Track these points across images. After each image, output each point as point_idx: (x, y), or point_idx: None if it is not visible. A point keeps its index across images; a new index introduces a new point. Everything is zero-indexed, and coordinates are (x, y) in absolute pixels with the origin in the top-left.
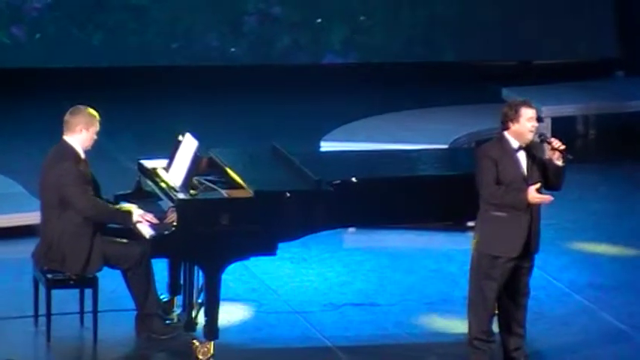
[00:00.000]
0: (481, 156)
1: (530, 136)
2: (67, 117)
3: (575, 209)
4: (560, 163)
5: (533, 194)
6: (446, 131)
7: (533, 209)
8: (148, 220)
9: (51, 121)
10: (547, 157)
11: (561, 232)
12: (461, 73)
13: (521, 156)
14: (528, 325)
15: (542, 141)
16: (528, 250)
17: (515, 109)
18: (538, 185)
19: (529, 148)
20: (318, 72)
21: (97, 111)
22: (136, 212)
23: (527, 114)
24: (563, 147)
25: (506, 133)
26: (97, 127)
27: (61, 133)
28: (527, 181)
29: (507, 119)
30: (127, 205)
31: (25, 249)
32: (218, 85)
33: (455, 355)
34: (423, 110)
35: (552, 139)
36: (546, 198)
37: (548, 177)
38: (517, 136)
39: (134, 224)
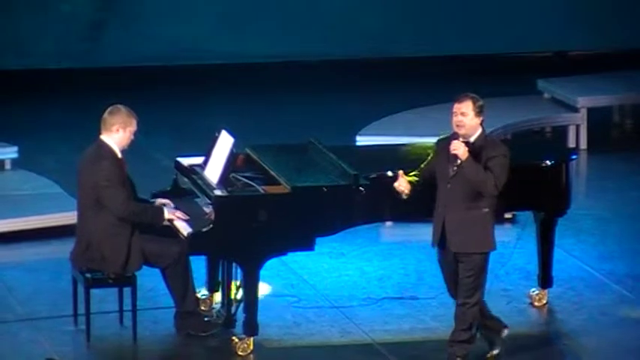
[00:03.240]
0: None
1: (455, 130)
2: (105, 116)
3: (614, 199)
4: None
5: (399, 179)
6: None
7: (449, 206)
8: (178, 217)
9: (88, 121)
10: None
11: (599, 221)
12: (496, 65)
13: None
14: (567, 315)
15: (482, 144)
16: (447, 244)
17: None
18: (400, 171)
19: (470, 144)
20: (352, 66)
21: (134, 110)
22: (167, 209)
23: (453, 107)
24: (453, 152)
25: None
26: (134, 127)
27: (98, 132)
28: (453, 176)
29: None
30: (159, 200)
31: (64, 249)
32: (253, 81)
33: None
34: None
35: (452, 142)
36: (402, 188)
37: None
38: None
39: (166, 221)
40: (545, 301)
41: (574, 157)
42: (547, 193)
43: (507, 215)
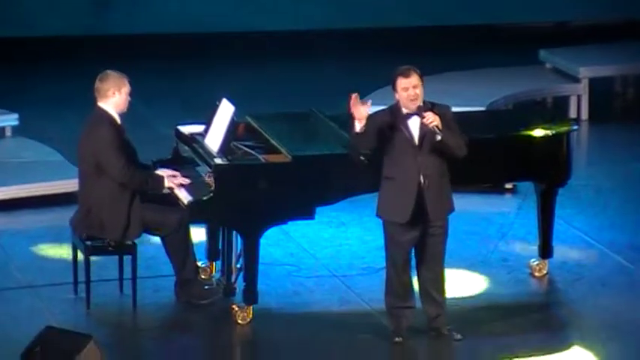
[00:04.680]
0: (369, 120)
1: (410, 105)
2: (97, 84)
3: (615, 170)
4: (437, 137)
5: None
6: (483, 94)
7: (424, 177)
8: (179, 184)
9: (90, 89)
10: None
11: (600, 192)
12: (498, 35)
13: (413, 123)
14: (566, 285)
15: (417, 114)
16: (425, 217)
17: (394, 77)
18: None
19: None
20: (354, 36)
21: (139, 78)
22: (168, 178)
23: (402, 84)
24: (433, 123)
25: (399, 103)
26: (128, 87)
27: (94, 102)
28: (419, 148)
29: (392, 87)
30: (160, 172)
31: (64, 216)
32: (255, 50)
33: (497, 317)
34: (459, 73)
35: (425, 114)
36: (361, 114)
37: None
38: (402, 104)
39: (167, 189)
40: (545, 272)
41: (575, 127)
42: (548, 163)
43: (508, 186)
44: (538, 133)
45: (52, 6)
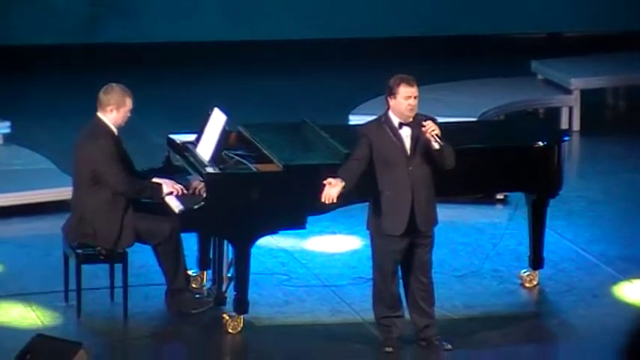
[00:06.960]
0: (359, 133)
1: (408, 114)
2: (100, 95)
3: (606, 181)
4: (435, 146)
5: (326, 189)
6: (475, 104)
7: (416, 188)
8: (178, 191)
9: (83, 98)
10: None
11: (591, 203)
12: (490, 45)
13: (405, 133)
14: (557, 296)
15: (410, 123)
16: (414, 227)
17: (395, 83)
18: (329, 180)
19: (414, 126)
20: (347, 46)
21: (129, 87)
22: (166, 185)
23: (405, 92)
24: (435, 132)
25: (389, 112)
26: (128, 106)
27: (94, 109)
28: (411, 159)
29: (388, 94)
30: (157, 180)
31: (55, 224)
32: (248, 60)
33: (488, 327)
34: (451, 83)
35: (426, 123)
36: (327, 195)
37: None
38: (396, 112)
39: (164, 197)
40: (536, 282)
41: (566, 138)
42: (539, 174)
43: (499, 196)
44: (529, 143)
45: (45, 15)
